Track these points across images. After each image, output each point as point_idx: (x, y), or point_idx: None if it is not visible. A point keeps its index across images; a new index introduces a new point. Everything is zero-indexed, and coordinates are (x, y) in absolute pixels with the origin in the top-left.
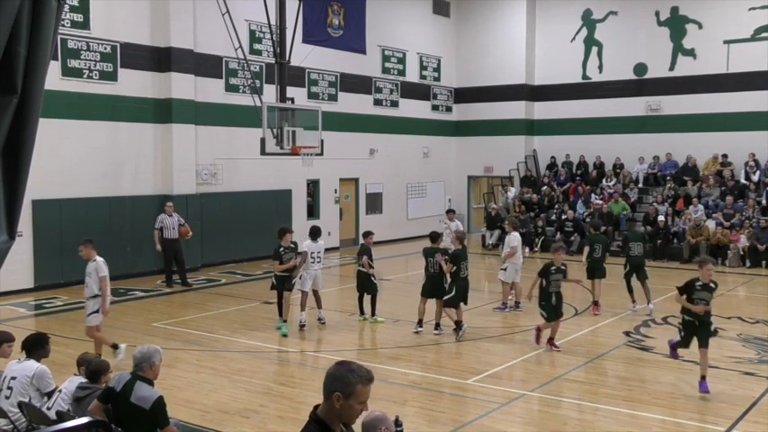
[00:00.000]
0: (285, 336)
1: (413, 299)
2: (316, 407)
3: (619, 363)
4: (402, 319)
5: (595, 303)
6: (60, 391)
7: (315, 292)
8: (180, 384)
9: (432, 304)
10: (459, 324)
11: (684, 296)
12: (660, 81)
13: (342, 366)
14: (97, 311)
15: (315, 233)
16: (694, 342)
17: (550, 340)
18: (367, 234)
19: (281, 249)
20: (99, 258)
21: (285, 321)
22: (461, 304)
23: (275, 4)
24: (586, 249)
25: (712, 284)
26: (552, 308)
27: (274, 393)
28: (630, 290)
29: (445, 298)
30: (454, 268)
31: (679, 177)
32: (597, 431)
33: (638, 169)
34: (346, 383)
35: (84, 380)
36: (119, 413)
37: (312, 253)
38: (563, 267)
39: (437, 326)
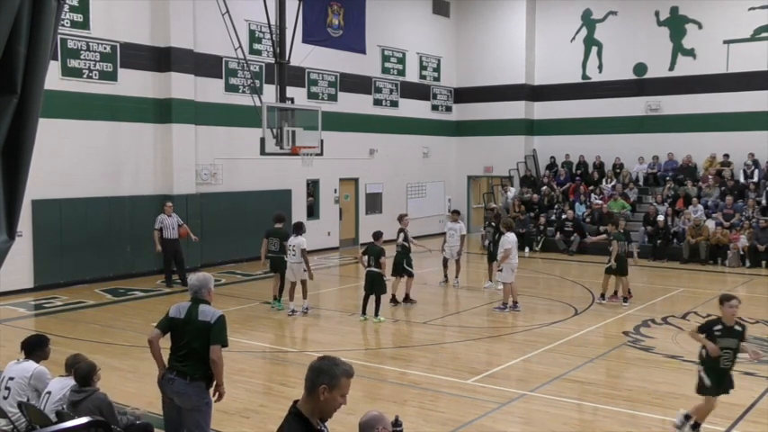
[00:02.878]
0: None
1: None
2: (295, 402)
3: (619, 363)
4: (401, 319)
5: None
6: (49, 393)
7: (301, 282)
8: None
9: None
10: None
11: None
12: (660, 81)
13: (327, 360)
14: None
15: (295, 228)
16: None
17: None
18: (378, 235)
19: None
20: None
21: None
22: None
23: (275, 4)
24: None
25: (738, 327)
26: None
27: (274, 393)
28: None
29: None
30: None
31: (679, 177)
32: (597, 431)
33: (637, 169)
34: (332, 376)
35: (74, 382)
36: (185, 336)
37: (292, 246)
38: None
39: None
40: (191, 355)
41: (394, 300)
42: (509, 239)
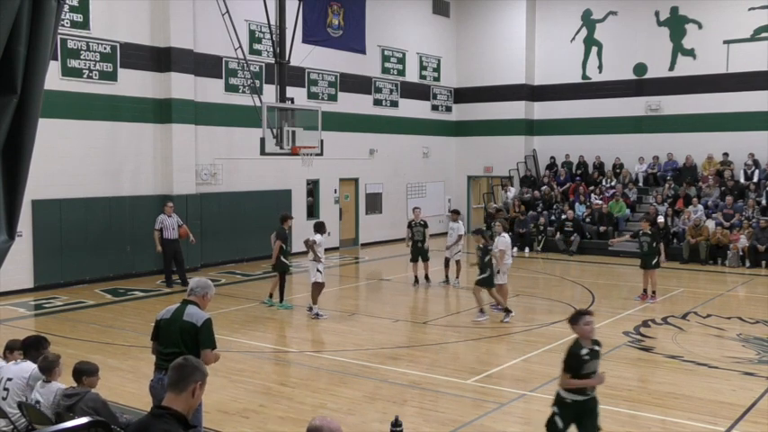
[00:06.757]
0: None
1: (411, 298)
2: (160, 407)
3: (619, 363)
4: (401, 319)
5: None
6: (38, 402)
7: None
8: None
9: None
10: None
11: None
12: (660, 81)
13: (192, 360)
14: None
15: (315, 227)
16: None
17: None
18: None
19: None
20: None
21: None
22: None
23: (275, 4)
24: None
25: (597, 346)
26: None
27: (274, 393)
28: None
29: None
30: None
31: (679, 177)
32: None
33: (637, 169)
34: (203, 373)
35: (58, 386)
36: (171, 335)
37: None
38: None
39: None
40: (177, 354)
41: (416, 280)
42: (503, 241)
